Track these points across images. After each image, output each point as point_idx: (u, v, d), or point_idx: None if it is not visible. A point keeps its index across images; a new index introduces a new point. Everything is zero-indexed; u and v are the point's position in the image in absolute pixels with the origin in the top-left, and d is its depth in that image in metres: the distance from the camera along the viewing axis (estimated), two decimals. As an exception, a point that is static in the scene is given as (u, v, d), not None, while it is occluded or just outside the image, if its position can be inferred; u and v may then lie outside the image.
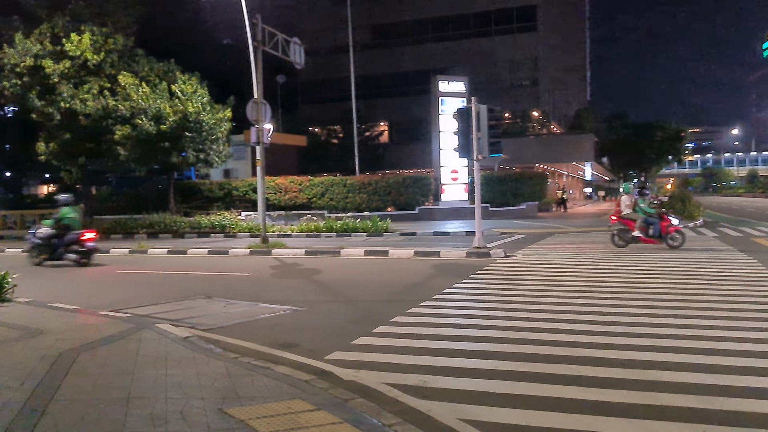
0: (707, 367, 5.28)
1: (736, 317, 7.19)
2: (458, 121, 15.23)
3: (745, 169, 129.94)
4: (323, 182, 32.31)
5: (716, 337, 6.28)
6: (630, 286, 9.69)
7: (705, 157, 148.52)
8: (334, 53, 47.53)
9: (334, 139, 49.13)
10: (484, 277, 11.32)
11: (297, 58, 19.20)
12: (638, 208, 15.55)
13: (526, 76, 49.43)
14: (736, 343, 6.04)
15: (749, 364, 5.36)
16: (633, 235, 15.36)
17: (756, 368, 5.22)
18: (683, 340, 6.23)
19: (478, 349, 6.18)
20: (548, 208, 38.74)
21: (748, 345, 5.98)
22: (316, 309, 8.60)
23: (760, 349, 5.81)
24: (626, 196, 16.30)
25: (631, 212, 15.70)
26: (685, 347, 5.95)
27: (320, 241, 20.76)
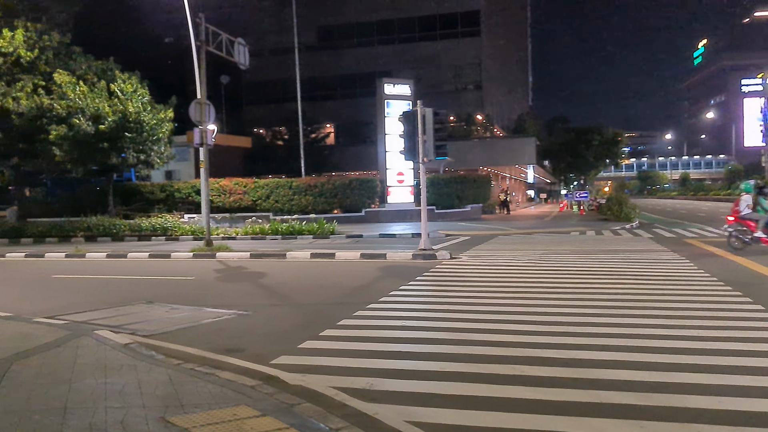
0: (644, 365, 5.46)
1: (670, 315, 7.47)
2: (404, 124, 15.33)
3: (678, 172, 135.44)
4: (268, 184, 31.97)
5: (652, 336, 6.51)
6: (570, 286, 9.95)
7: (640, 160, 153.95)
8: (280, 54, 47.09)
9: (279, 141, 48.69)
10: (430, 279, 11.41)
11: (241, 58, 18.94)
12: (760, 207, 14.69)
13: (471, 80, 50.14)
14: (671, 341, 6.26)
15: (684, 360, 5.57)
16: (755, 236, 14.39)
17: (690, 365, 5.44)
18: (621, 338, 6.43)
19: (425, 350, 6.22)
20: (492, 210, 39.38)
21: (683, 342, 6.21)
22: (261, 313, 8.50)
23: (694, 347, 6.05)
24: (747, 195, 15.14)
25: (752, 212, 14.72)
26: (624, 345, 6.15)
27: (266, 243, 20.52)
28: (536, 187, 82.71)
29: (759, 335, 6.41)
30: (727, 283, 9.70)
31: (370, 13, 50.29)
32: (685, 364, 5.47)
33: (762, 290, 9.13)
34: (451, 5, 48.72)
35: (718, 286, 9.59)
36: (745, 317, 7.29)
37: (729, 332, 6.56)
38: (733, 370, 5.26)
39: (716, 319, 7.20)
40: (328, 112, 49.69)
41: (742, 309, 7.78)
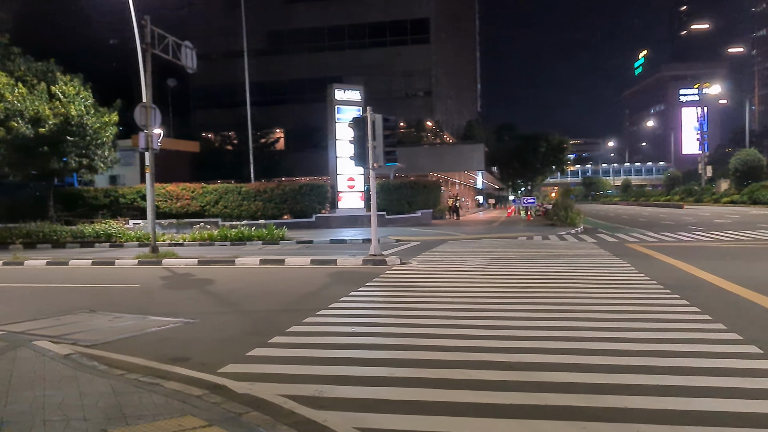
0: (587, 367, 5.62)
1: (611, 318, 7.69)
2: (354, 130, 15.36)
3: (620, 178, 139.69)
4: (217, 189, 31.53)
5: (595, 338, 6.69)
6: (517, 290, 10.13)
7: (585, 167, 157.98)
8: (229, 58, 46.51)
9: (228, 146, 48.09)
10: (380, 284, 11.45)
11: (189, 62, 18.63)
12: None
13: (421, 86, 50.61)
14: (612, 343, 6.45)
15: (624, 362, 5.74)
16: None
17: (630, 366, 5.61)
18: (566, 341, 6.59)
19: (374, 356, 6.24)
20: (442, 215, 39.77)
21: (624, 344, 6.40)
22: (209, 321, 8.36)
23: (633, 348, 6.24)
24: None
25: None
26: (568, 348, 6.30)
27: (214, 250, 20.21)
28: (485, 192, 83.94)
29: (694, 336, 6.66)
30: (666, 287, 10.05)
31: (321, 19, 50.25)
32: (626, 365, 5.64)
33: (698, 293, 9.49)
34: (401, 13, 49.12)
35: (657, 289, 9.93)
36: (681, 319, 7.57)
37: (667, 334, 6.79)
38: (670, 370, 5.45)
39: (655, 321, 7.45)
40: (279, 117, 49.34)
41: (678, 311, 8.08)
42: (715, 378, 5.20)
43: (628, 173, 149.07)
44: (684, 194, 78.58)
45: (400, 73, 50.12)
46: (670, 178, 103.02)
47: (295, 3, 51.00)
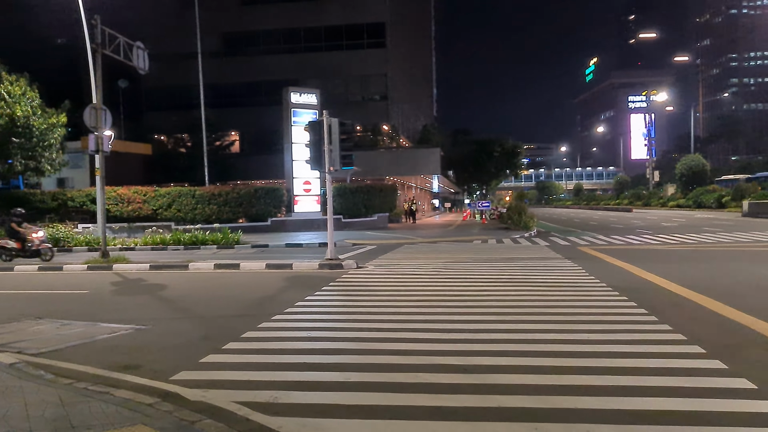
0: (539, 368, 5.73)
1: (564, 320, 7.86)
2: (310, 133, 15.32)
3: (573, 182, 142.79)
4: (170, 193, 30.97)
5: (547, 340, 6.83)
6: (472, 294, 10.26)
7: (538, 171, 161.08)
8: (182, 59, 45.74)
9: (182, 148, 47.25)
10: (336, 288, 11.43)
11: (140, 63, 18.26)
12: None
13: (377, 90, 50.71)
14: (564, 345, 6.60)
15: (575, 363, 5.88)
16: None
17: (582, 367, 5.75)
18: (519, 343, 6.71)
19: (330, 361, 6.23)
20: (398, 219, 39.94)
21: (575, 346, 6.56)
22: (161, 327, 8.21)
23: (585, 349, 6.40)
24: None
25: None
26: (521, 350, 6.42)
27: (167, 254, 19.84)
28: (441, 196, 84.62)
29: (642, 337, 6.86)
30: (615, 289, 10.32)
31: (277, 22, 49.89)
32: (576, 366, 5.78)
33: (646, 295, 9.77)
34: (357, 17, 49.16)
35: (607, 291, 10.18)
36: (629, 321, 7.79)
37: (615, 335, 6.98)
38: (618, 371, 5.60)
39: (604, 323, 7.64)
40: (234, 120, 48.75)
41: (627, 313, 8.31)
42: (661, 378, 5.37)
43: (580, 177, 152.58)
44: (633, 198, 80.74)
45: (357, 76, 50.15)
46: (619, 183, 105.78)
47: (250, 5, 50.50)
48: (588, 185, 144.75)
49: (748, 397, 4.84)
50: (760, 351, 6.24)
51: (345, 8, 49.18)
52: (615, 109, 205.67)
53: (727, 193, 52.76)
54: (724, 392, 4.96)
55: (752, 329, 7.18)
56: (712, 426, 4.28)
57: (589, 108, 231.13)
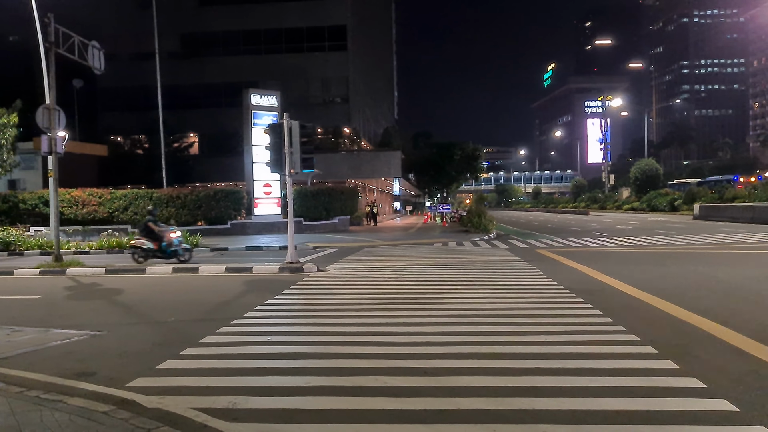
0: (498, 370, 5.81)
1: (522, 323, 7.98)
2: (270, 136, 15.22)
3: (531, 186, 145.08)
4: (127, 195, 30.37)
5: (506, 342, 6.93)
6: (431, 296, 10.33)
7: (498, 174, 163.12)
8: (140, 60, 44.96)
9: (139, 150, 46.42)
10: (296, 292, 11.38)
11: (96, 63, 17.87)
12: None
13: (338, 93, 50.65)
14: (522, 347, 6.70)
15: (533, 365, 5.98)
16: None
17: (539, 368, 5.85)
18: (478, 346, 6.79)
19: (290, 366, 6.20)
20: (360, 222, 39.94)
21: (532, 347, 6.67)
22: (117, 333, 8.04)
23: (542, 351, 6.51)
24: None
25: None
26: (480, 352, 6.49)
27: (123, 258, 19.42)
28: (402, 199, 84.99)
29: (596, 338, 7.02)
30: (572, 291, 10.52)
31: (236, 23, 49.40)
32: (534, 368, 5.88)
33: (601, 297, 9.99)
34: (318, 19, 49.03)
35: (564, 293, 10.38)
36: (585, 322, 7.96)
37: (571, 336, 7.13)
38: (574, 371, 5.72)
39: (561, 325, 7.79)
40: (193, 122, 48.10)
41: (583, 314, 8.49)
42: (615, 378, 5.50)
43: (538, 181, 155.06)
44: (589, 201, 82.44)
45: (318, 79, 50.00)
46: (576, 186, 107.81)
47: (209, 6, 49.89)
48: (546, 188, 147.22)
49: (698, 396, 5.00)
50: (709, 350, 6.44)
51: (306, 11, 49.02)
52: (572, 114, 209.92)
53: (680, 196, 54.31)
54: (676, 391, 5.11)
55: (702, 329, 7.41)
56: (664, 425, 4.41)
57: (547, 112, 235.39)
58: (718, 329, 7.36)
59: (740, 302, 9.31)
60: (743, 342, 6.70)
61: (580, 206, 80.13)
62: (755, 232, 25.31)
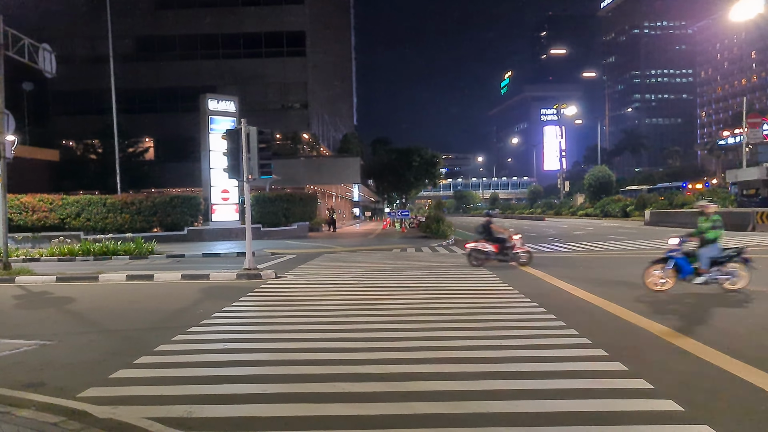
0: (454, 375, 5.89)
1: (478, 327, 8.10)
2: (228, 141, 15.08)
3: (489, 192, 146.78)
4: (79, 201, 29.61)
5: (462, 347, 7.03)
6: (390, 302, 10.39)
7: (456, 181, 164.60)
8: (94, 63, 44.00)
9: (92, 155, 45.32)
10: (254, 299, 11.30)
11: (47, 66, 17.43)
12: None
13: (297, 99, 50.44)
14: (478, 351, 6.81)
15: (488, 369, 6.09)
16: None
17: (494, 372, 5.96)
18: (434, 351, 6.87)
19: (247, 373, 6.17)
20: (319, 228, 39.80)
21: (488, 352, 6.78)
22: (68, 342, 7.86)
23: (497, 355, 6.63)
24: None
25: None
26: (436, 357, 6.57)
27: (75, 265, 18.95)
28: (361, 205, 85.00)
29: (550, 342, 7.18)
30: (527, 296, 10.72)
31: (193, 27, 48.74)
32: (489, 371, 5.98)
33: (555, 301, 10.21)
34: (276, 25, 48.78)
35: (520, 298, 10.57)
36: (539, 326, 8.13)
37: (526, 340, 7.27)
38: (528, 375, 5.85)
39: (516, 329, 7.94)
40: (148, 126, 47.24)
41: (537, 318, 8.66)
42: (567, 380, 5.65)
43: (496, 187, 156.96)
44: (545, 207, 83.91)
45: (277, 84, 49.71)
46: (532, 192, 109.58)
47: (165, 9, 49.12)
48: (504, 194, 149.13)
49: (645, 397, 5.17)
50: (656, 353, 6.66)
51: (264, 16, 48.73)
52: (528, 121, 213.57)
53: (631, 202, 55.77)
54: (625, 392, 5.28)
55: (650, 332, 7.65)
56: (613, 425, 4.55)
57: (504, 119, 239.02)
58: (665, 332, 7.61)
59: (687, 306, 9.65)
60: (689, 344, 6.95)
61: (537, 212, 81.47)
62: (703, 237, 26.12)
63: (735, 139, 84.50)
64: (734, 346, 6.79)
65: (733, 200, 43.37)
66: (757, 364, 6.04)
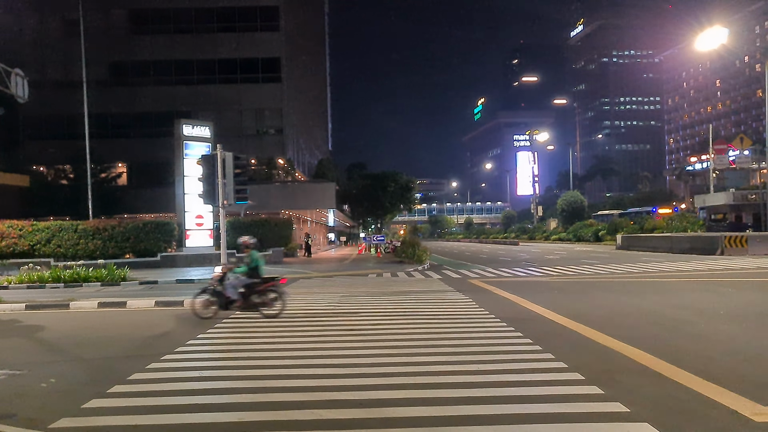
0: (432, 400, 5.89)
1: (456, 352, 8.12)
2: (203, 167, 15.06)
3: (464, 217, 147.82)
4: (50, 227, 29.13)
5: (440, 372, 7.03)
6: (367, 328, 10.37)
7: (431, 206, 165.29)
8: (66, 87, 43.56)
9: (64, 180, 44.69)
10: (229, 326, 11.18)
11: (19, 91, 17.27)
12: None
13: (272, 124, 50.51)
14: (456, 376, 6.82)
15: (466, 394, 6.10)
16: None
17: (473, 397, 5.97)
18: (413, 376, 6.86)
19: (222, 401, 6.10)
20: (294, 253, 39.61)
21: (466, 377, 6.79)
22: (39, 371, 7.68)
23: (475, 380, 6.65)
24: None
25: None
26: (415, 383, 6.57)
27: (45, 293, 18.58)
28: (337, 230, 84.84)
29: (527, 366, 7.22)
30: (503, 320, 10.78)
31: (168, 53, 48.73)
32: (467, 396, 5.99)
33: (532, 325, 10.28)
34: (252, 50, 48.99)
35: (496, 322, 10.62)
36: (516, 350, 8.18)
37: (503, 365, 7.31)
38: (506, 399, 5.88)
39: (493, 354, 7.97)
40: (122, 151, 46.88)
41: (514, 343, 8.71)
42: (544, 404, 5.69)
43: (470, 212, 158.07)
44: (519, 232, 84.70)
45: (252, 110, 49.76)
46: (506, 217, 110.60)
47: (140, 35, 49.10)
48: (478, 219, 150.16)
49: (622, 420, 5.23)
50: (632, 376, 6.74)
51: (240, 42, 48.95)
52: (501, 147, 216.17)
53: (603, 227, 56.57)
54: (601, 416, 5.33)
55: (625, 356, 7.75)
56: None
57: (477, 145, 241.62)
58: (640, 355, 7.71)
59: (660, 329, 9.79)
60: (663, 367, 7.05)
61: (511, 237, 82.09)
62: (673, 261, 26.61)
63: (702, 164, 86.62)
64: (706, 367, 6.90)
65: (702, 225, 44.28)
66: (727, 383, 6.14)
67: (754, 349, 8.07)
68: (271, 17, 49.09)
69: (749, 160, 50.63)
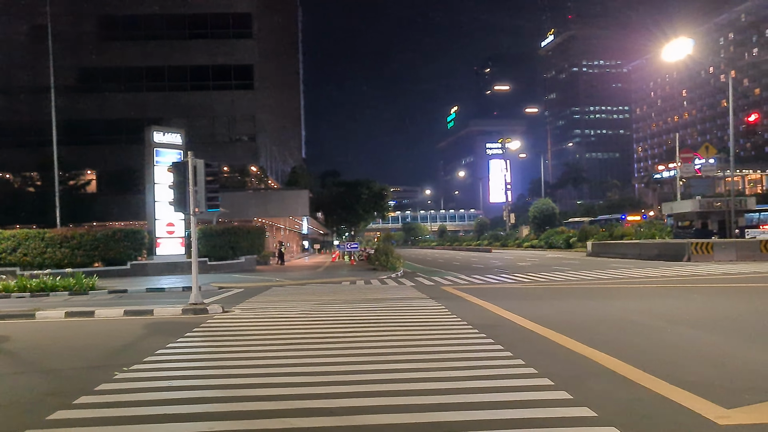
0: (404, 408, 5.90)
1: (427, 359, 8.13)
2: (174, 174, 14.90)
3: (437, 224, 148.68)
4: (15, 235, 28.56)
5: (412, 379, 7.04)
6: (339, 335, 10.34)
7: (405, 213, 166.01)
8: (34, 94, 42.85)
9: (30, 188, 43.87)
10: (200, 334, 11.07)
11: (-15, 96, 16.94)
12: None
13: (245, 131, 50.26)
14: (427, 383, 6.83)
15: (437, 401, 6.11)
16: None
17: (443, 404, 5.99)
18: (384, 384, 6.86)
19: (193, 411, 6.02)
20: (267, 261, 39.40)
21: (437, 384, 6.81)
22: (2, 383, 7.51)
23: (446, 387, 6.66)
24: None
25: None
26: (386, 390, 6.57)
27: (10, 302, 18.17)
28: (310, 237, 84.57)
29: (498, 372, 7.27)
30: (475, 326, 10.84)
31: (139, 59, 48.25)
32: (438, 403, 6.01)
33: (503, 332, 10.36)
34: (224, 58, 48.77)
35: (467, 329, 10.68)
36: (487, 357, 8.23)
37: (474, 371, 7.34)
38: (476, 406, 5.90)
39: (464, 360, 8.01)
40: (91, 158, 46.20)
41: (485, 349, 8.77)
42: (514, 410, 5.73)
43: (443, 219, 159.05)
44: (492, 239, 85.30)
45: (224, 117, 49.48)
46: (479, 224, 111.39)
47: (111, 40, 48.54)
48: (451, 227, 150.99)
49: (590, 425, 5.29)
50: (600, 381, 6.84)
51: (212, 49, 48.68)
52: (474, 155, 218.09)
53: (574, 234, 57.27)
54: (569, 421, 5.39)
55: (594, 361, 7.85)
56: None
57: (450, 153, 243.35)
58: (608, 360, 7.82)
59: (629, 335, 9.94)
60: (631, 372, 7.16)
61: (484, 244, 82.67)
62: (642, 267, 27.05)
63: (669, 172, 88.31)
64: (673, 372, 7.03)
65: (669, 231, 45.09)
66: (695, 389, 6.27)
67: (719, 353, 8.24)
68: (243, 24, 48.95)
69: (714, 169, 51.68)
